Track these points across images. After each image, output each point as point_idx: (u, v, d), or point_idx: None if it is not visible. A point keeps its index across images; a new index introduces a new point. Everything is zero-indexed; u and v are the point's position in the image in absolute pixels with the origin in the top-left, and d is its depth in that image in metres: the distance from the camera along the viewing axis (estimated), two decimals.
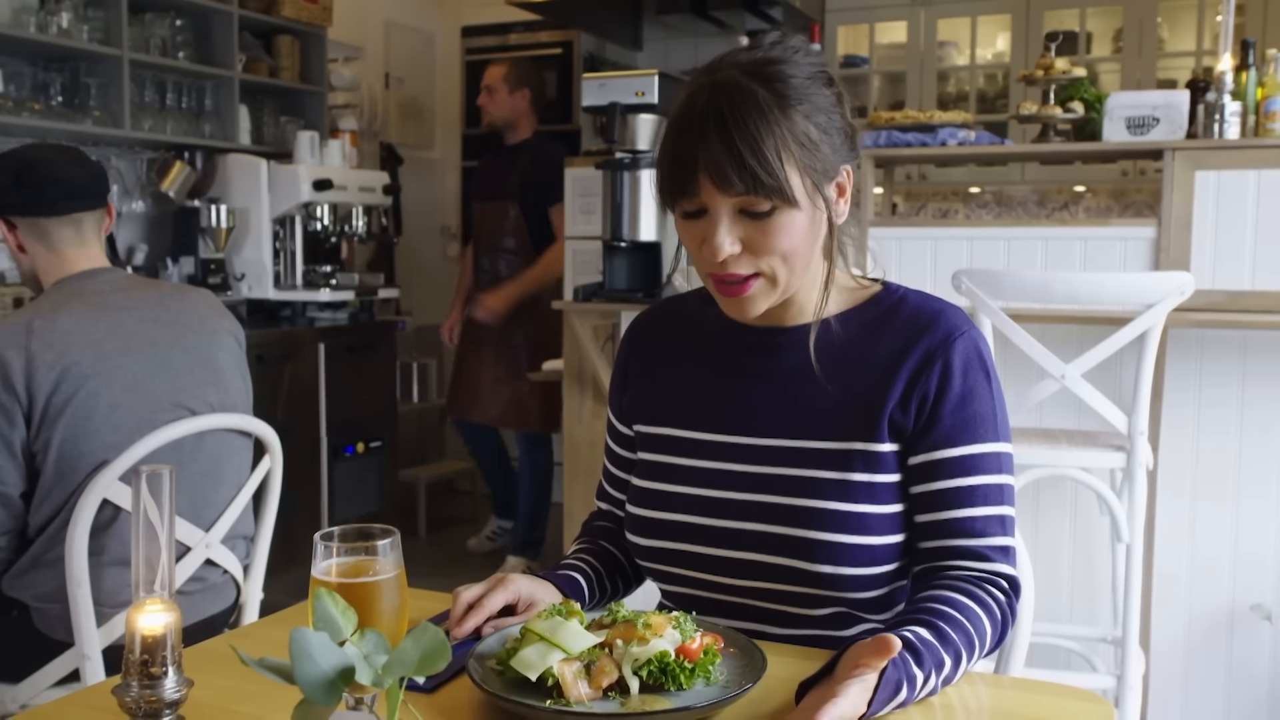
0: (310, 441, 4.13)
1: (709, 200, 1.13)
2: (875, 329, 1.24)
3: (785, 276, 1.17)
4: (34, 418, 1.80)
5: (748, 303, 1.18)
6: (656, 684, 1.01)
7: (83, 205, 1.97)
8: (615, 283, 3.14)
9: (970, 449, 1.18)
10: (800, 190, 1.13)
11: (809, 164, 1.13)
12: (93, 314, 1.88)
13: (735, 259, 1.15)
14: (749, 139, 1.10)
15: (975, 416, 1.18)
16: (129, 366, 1.88)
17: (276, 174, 4.21)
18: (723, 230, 1.13)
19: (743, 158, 1.10)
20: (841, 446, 1.20)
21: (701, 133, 1.12)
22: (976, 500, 1.18)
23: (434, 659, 0.82)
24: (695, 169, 1.12)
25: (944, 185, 5.35)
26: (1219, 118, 2.72)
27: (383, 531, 0.97)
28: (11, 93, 3.66)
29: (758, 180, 1.10)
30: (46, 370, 1.79)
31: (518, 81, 4.16)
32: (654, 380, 1.34)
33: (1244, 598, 2.72)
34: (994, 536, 1.18)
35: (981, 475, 1.18)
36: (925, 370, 1.19)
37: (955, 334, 1.20)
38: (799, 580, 1.19)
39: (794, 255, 1.16)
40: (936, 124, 3.05)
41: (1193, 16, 4.86)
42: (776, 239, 1.14)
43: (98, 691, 1.07)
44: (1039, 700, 1.05)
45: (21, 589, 1.87)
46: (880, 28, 5.36)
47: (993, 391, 1.21)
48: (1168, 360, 2.71)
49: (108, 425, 1.83)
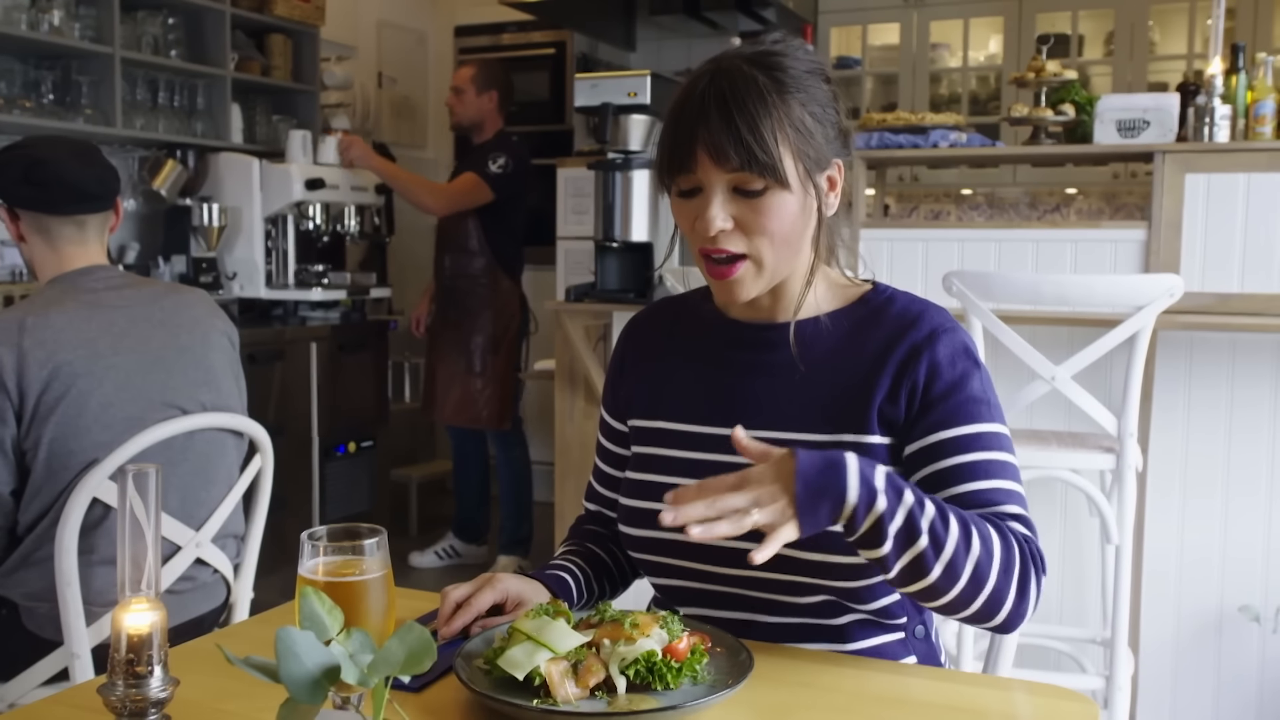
0: (301, 441, 4.13)
1: (705, 176, 1.18)
2: (863, 326, 1.26)
3: (773, 260, 1.20)
4: (24, 415, 1.79)
5: (736, 285, 1.21)
6: (643, 683, 1.01)
7: (87, 208, 1.96)
8: (607, 283, 3.15)
9: (970, 428, 1.19)
10: (793, 173, 1.17)
11: (803, 149, 1.18)
12: (85, 312, 1.88)
13: (727, 235, 1.18)
14: (748, 118, 1.15)
15: (970, 399, 1.20)
16: (121, 365, 1.87)
17: (269, 173, 4.21)
18: (716, 204, 1.18)
19: (740, 134, 1.15)
20: (832, 438, 1.22)
21: (702, 110, 1.17)
22: (984, 474, 1.17)
23: (420, 658, 0.82)
24: (694, 144, 1.17)
25: (936, 187, 5.35)
26: (1209, 121, 2.73)
27: (370, 531, 0.97)
28: (2, 90, 3.65)
29: (753, 157, 1.15)
30: (38, 368, 1.78)
31: (485, 83, 4.17)
32: (649, 375, 1.37)
33: (1233, 599, 2.73)
34: (1008, 504, 1.16)
35: (985, 451, 1.18)
36: (911, 363, 1.20)
37: (940, 330, 1.22)
38: (787, 568, 1.20)
39: (782, 238, 1.19)
40: (928, 126, 3.06)
41: (1184, 20, 4.88)
42: (767, 219, 1.18)
43: (84, 690, 1.07)
44: (1025, 700, 1.06)
45: (11, 587, 1.87)
46: (873, 29, 5.37)
47: (983, 378, 1.22)
48: (1157, 362, 2.72)
49: (99, 424, 1.83)
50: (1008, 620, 1.11)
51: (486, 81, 4.17)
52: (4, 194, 1.96)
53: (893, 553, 1.05)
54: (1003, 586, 1.09)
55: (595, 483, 1.45)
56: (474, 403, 4.17)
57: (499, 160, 4.05)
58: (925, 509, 1.06)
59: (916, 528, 1.05)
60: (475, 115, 4.18)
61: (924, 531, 1.05)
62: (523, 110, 5.40)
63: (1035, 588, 1.11)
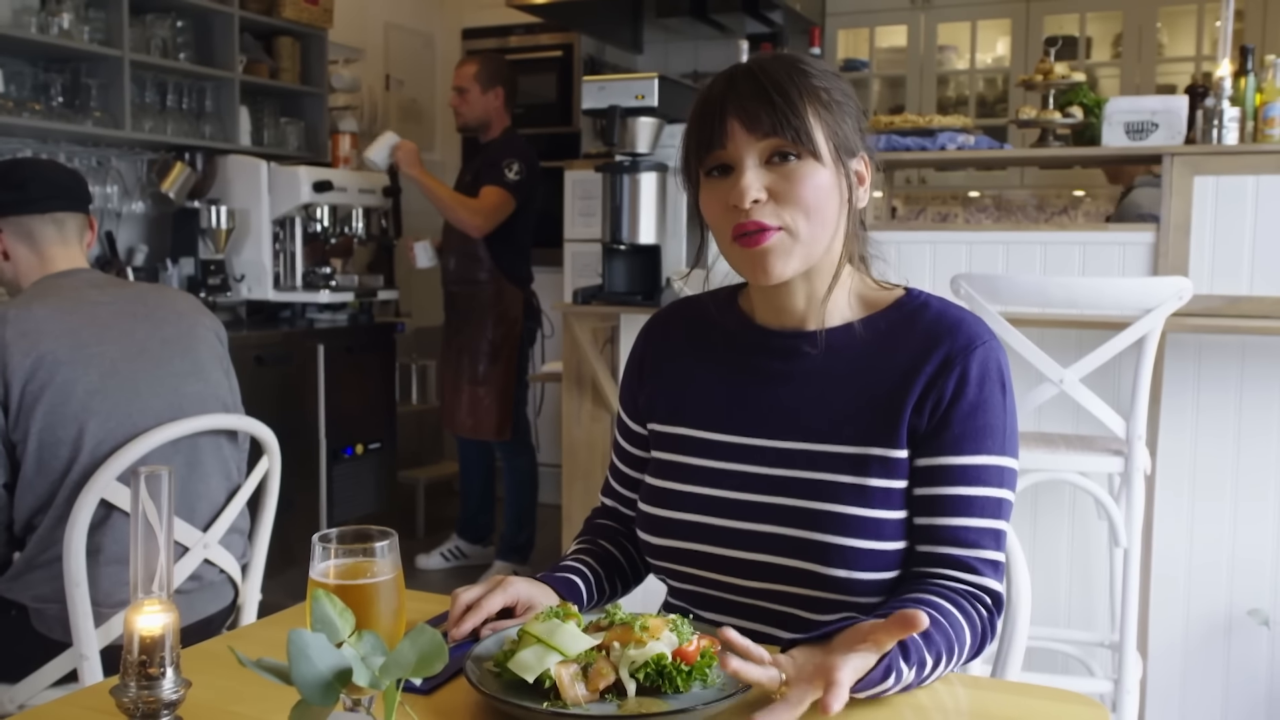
0: (309, 443, 4.13)
1: (736, 150, 1.18)
2: (896, 333, 1.24)
3: (808, 232, 1.18)
4: (11, 405, 1.82)
5: (768, 255, 1.18)
6: (653, 686, 1.01)
7: (66, 204, 2.01)
8: (614, 285, 3.15)
9: (975, 459, 1.18)
10: (824, 147, 1.18)
11: (832, 128, 1.19)
12: (69, 305, 1.92)
13: (760, 207, 1.17)
14: (778, 87, 1.17)
15: (985, 427, 1.19)
16: (106, 354, 1.89)
17: (276, 175, 4.22)
18: (750, 174, 1.17)
19: (771, 98, 1.16)
20: (860, 451, 1.20)
21: (731, 84, 1.19)
22: (973, 511, 1.18)
23: (431, 661, 0.82)
24: (725, 117, 1.18)
25: (943, 189, 5.35)
26: (1218, 123, 2.72)
27: (380, 533, 0.97)
28: (12, 93, 3.67)
29: (785, 120, 1.16)
30: (21, 357, 1.81)
31: (490, 79, 4.02)
32: (671, 379, 1.34)
33: (1241, 602, 2.72)
34: (985, 549, 1.18)
35: (982, 487, 1.18)
36: (943, 375, 1.19)
37: (976, 342, 1.20)
38: (810, 583, 1.19)
39: (816, 211, 1.18)
40: (936, 128, 3.05)
41: (1192, 22, 4.87)
42: (801, 188, 1.17)
43: (96, 692, 1.07)
44: (1033, 704, 1.05)
45: (19, 590, 1.88)
46: (880, 32, 5.37)
47: (1006, 405, 1.21)
48: (1166, 365, 2.71)
49: (86, 412, 1.85)
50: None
51: (490, 78, 4.02)
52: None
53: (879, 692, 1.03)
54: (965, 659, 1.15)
55: (613, 480, 1.43)
56: (474, 413, 4.12)
57: (514, 167, 3.95)
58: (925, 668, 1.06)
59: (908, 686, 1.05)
60: (482, 114, 4.06)
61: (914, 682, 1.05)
62: (530, 112, 5.40)
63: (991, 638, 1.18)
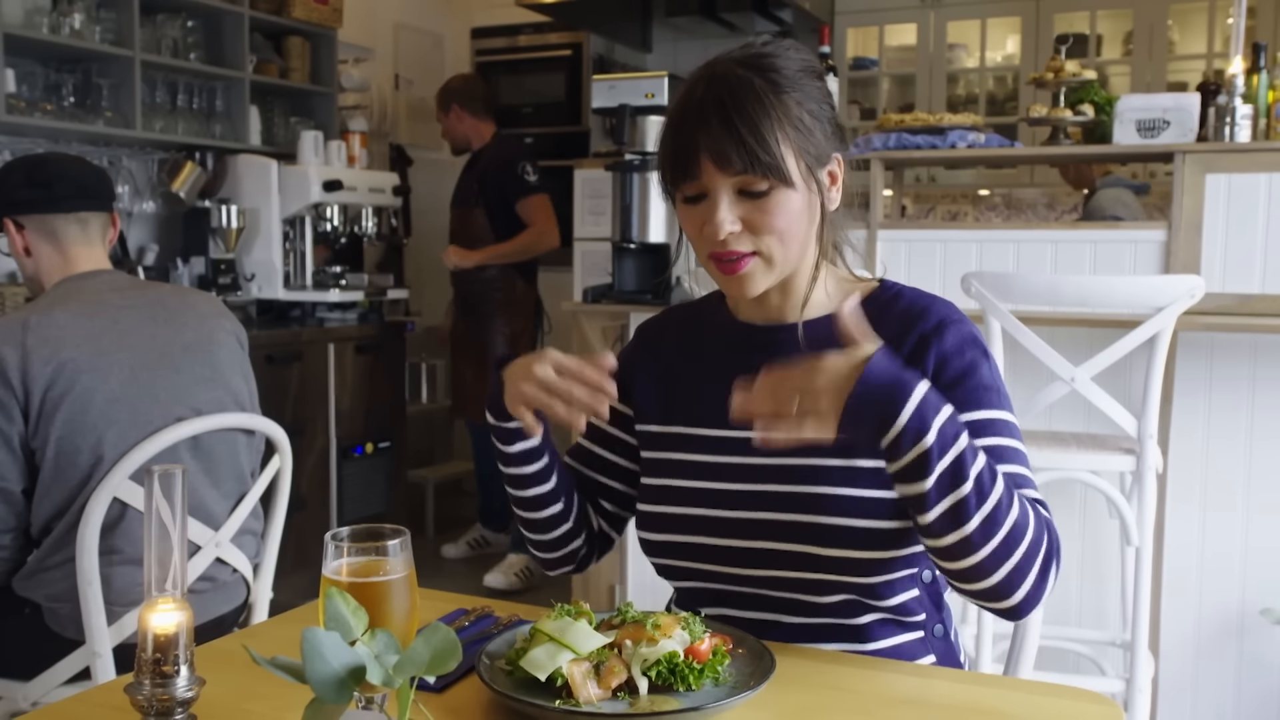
0: (319, 442, 4.14)
1: (709, 182, 1.19)
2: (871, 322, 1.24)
3: (782, 255, 1.21)
4: (31, 412, 1.82)
5: (746, 280, 1.22)
6: (665, 684, 1.01)
7: (90, 204, 2.01)
8: (624, 284, 3.15)
9: (982, 414, 1.19)
10: (796, 171, 1.19)
11: (803, 147, 1.19)
12: (89, 310, 1.91)
13: (735, 237, 1.20)
14: (747, 120, 1.16)
15: (980, 386, 1.20)
16: (126, 362, 1.89)
17: (286, 175, 4.23)
18: (723, 208, 1.18)
19: (742, 137, 1.16)
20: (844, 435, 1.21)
21: (702, 117, 1.18)
22: (999, 459, 1.16)
23: (445, 659, 0.82)
24: (697, 152, 1.18)
25: (953, 188, 5.34)
26: (1230, 121, 2.71)
27: (393, 531, 0.98)
28: (24, 93, 3.68)
29: (756, 159, 1.16)
30: (42, 365, 1.81)
31: (444, 103, 4.36)
32: (661, 380, 1.37)
33: (1254, 601, 2.71)
34: (1026, 489, 1.16)
35: (998, 437, 1.18)
36: (920, 354, 1.21)
37: (948, 322, 1.23)
38: (808, 566, 1.20)
39: (790, 234, 1.20)
40: (946, 126, 3.04)
41: (1203, 19, 4.85)
42: (774, 218, 1.19)
43: (110, 689, 1.08)
44: (1048, 702, 1.05)
45: (33, 589, 1.88)
46: (890, 30, 5.36)
47: (991, 367, 1.22)
48: (1178, 363, 2.70)
49: (105, 420, 1.84)
50: (1023, 602, 1.09)
51: (444, 102, 4.35)
52: (9, 204, 2.01)
53: (934, 491, 1.03)
54: (1029, 560, 1.08)
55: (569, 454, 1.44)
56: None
57: (525, 168, 4.20)
58: (977, 457, 1.05)
59: (964, 473, 1.03)
60: (459, 134, 4.38)
61: (970, 479, 1.03)
62: (539, 111, 5.42)
63: (1054, 573, 1.10)
